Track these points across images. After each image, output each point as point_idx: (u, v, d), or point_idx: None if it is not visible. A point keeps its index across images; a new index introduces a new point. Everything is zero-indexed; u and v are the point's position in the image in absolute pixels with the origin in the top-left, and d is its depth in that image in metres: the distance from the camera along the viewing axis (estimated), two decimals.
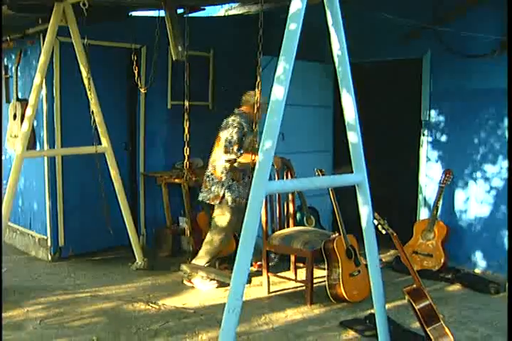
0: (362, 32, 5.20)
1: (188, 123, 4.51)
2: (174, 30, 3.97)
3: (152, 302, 4.25)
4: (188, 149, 4.79)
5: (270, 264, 4.67)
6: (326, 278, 4.22)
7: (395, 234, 3.24)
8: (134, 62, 4.40)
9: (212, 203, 4.54)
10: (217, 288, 4.53)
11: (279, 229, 4.59)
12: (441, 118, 5.28)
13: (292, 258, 4.74)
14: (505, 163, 4.88)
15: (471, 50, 4.93)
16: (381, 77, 6.57)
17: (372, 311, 3.48)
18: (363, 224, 3.07)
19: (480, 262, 5.07)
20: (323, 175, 4.35)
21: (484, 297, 4.47)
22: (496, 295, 4.50)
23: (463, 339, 3.59)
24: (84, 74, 4.60)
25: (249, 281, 4.64)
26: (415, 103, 5.47)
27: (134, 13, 5.32)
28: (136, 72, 4.47)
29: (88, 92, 4.62)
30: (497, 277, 4.83)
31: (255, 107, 4.00)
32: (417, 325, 3.78)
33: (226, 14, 6.97)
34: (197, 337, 3.62)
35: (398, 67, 5.91)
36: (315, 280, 4.38)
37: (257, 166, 2.61)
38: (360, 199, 3.06)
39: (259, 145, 3.81)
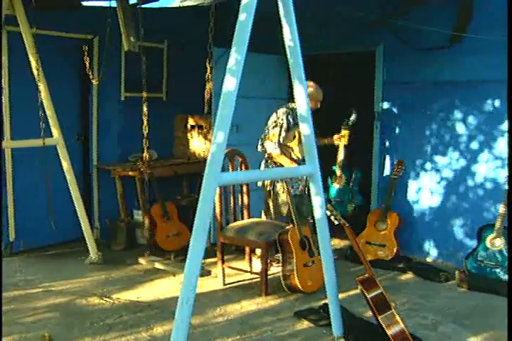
0: (316, 24, 5.22)
1: (146, 115, 4.48)
2: (126, 20, 3.93)
3: (106, 296, 4.20)
4: (147, 141, 4.77)
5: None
6: (280, 269, 4.25)
7: (347, 225, 3.28)
8: (86, 53, 4.32)
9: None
10: None
11: (234, 221, 4.60)
12: (394, 109, 5.36)
13: (247, 249, 4.75)
14: (455, 154, 5.00)
15: (424, 43, 5.02)
16: (336, 69, 6.63)
17: (326, 301, 3.52)
18: (316, 214, 3.10)
19: (431, 251, 5.18)
20: (277, 166, 4.37)
21: (435, 285, 4.58)
22: (446, 283, 4.61)
23: (414, 326, 3.66)
24: (33, 64, 4.48)
25: (209, 273, 4.66)
26: (370, 95, 5.54)
27: (86, 3, 5.22)
28: (87, 63, 4.39)
29: (38, 83, 4.51)
30: (447, 265, 4.95)
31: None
32: (370, 313, 3.83)
33: (181, 5, 6.90)
34: (152, 330, 3.60)
35: (353, 59, 5.98)
36: (270, 272, 4.41)
37: (209, 158, 2.60)
38: (312, 190, 3.09)
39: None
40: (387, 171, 5.40)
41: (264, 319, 3.82)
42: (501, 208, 4.51)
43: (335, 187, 5.48)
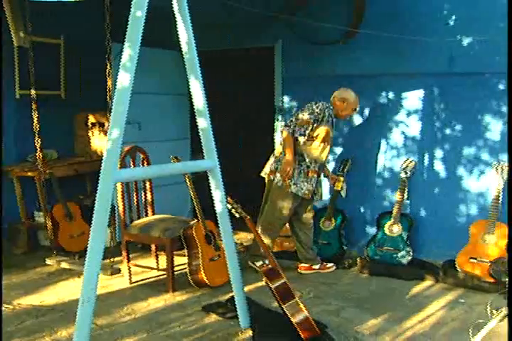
0: (213, 19, 5.25)
1: (36, 113, 4.33)
2: (14, 14, 3.76)
3: (6, 302, 4.04)
4: (39, 140, 4.62)
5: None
6: (186, 265, 4.25)
7: (248, 217, 3.33)
8: None
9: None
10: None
11: (138, 219, 4.55)
12: (294, 103, 5.47)
13: (153, 247, 4.71)
14: (353, 146, 5.18)
15: (321, 38, 5.16)
16: (236, 64, 6.70)
17: (233, 294, 3.56)
18: (217, 208, 3.13)
19: None
20: (178, 161, 4.35)
21: (338, 272, 4.75)
22: (349, 270, 4.79)
23: (319, 313, 3.77)
24: None
25: (119, 271, 4.58)
26: (270, 90, 5.63)
27: None
28: None
29: None
30: (350, 253, 5.12)
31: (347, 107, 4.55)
32: (276, 304, 3.95)
33: None
34: (56, 334, 3.50)
35: (252, 54, 6.05)
36: (177, 268, 4.40)
37: (104, 154, 2.57)
38: (212, 184, 3.12)
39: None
40: None
41: (171, 315, 3.82)
42: (397, 196, 4.74)
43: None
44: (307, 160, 4.53)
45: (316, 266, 4.73)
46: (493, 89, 4.59)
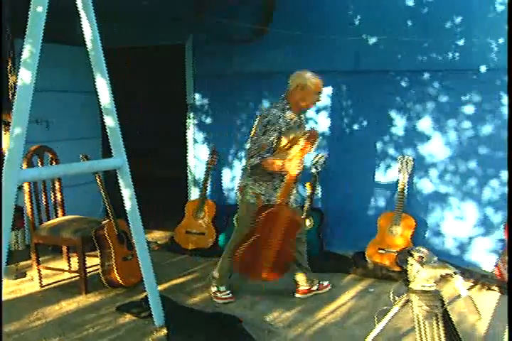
0: (121, 16, 5.17)
1: None
2: None
3: None
4: None
5: None
6: (99, 266, 4.18)
7: None
8: None
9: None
10: None
11: (48, 220, 4.42)
12: (206, 101, 5.49)
13: (64, 248, 4.60)
14: None
15: (232, 36, 5.18)
16: (147, 62, 6.64)
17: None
18: (127, 207, 3.10)
19: None
20: (88, 160, 4.26)
21: None
22: None
23: (234, 307, 3.85)
24: None
25: (24, 274, 4.44)
26: (182, 87, 5.62)
27: None
28: None
29: None
30: None
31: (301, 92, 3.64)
32: (192, 300, 3.97)
33: None
34: None
35: (163, 52, 6.01)
36: (89, 269, 4.31)
37: (6, 154, 2.49)
38: (121, 182, 3.08)
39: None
40: (202, 161, 5.51)
41: (85, 317, 3.74)
42: (308, 190, 4.85)
43: None
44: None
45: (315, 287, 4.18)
46: (396, 86, 4.78)
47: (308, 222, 4.86)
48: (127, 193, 3.07)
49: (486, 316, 3.71)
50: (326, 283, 4.22)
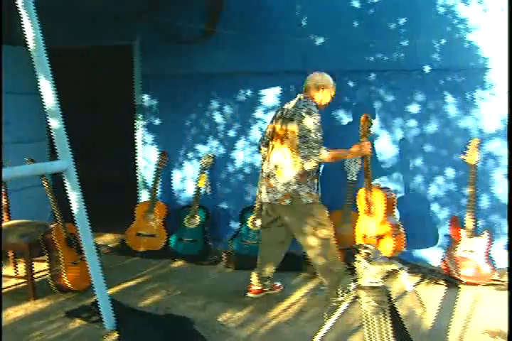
0: (65, 16, 5.09)
1: None
2: None
3: None
4: None
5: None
6: (47, 270, 4.09)
7: None
8: None
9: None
10: None
11: None
12: (155, 102, 5.44)
13: (10, 253, 4.49)
14: (215, 143, 5.25)
15: (180, 37, 5.16)
16: (95, 62, 6.54)
17: None
18: (74, 210, 3.05)
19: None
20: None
21: (205, 268, 4.80)
22: (215, 266, 4.85)
23: (186, 309, 3.83)
24: None
25: None
26: (130, 88, 5.56)
27: None
28: None
29: None
30: (216, 249, 5.14)
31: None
32: (143, 303, 3.94)
33: None
34: None
35: (111, 52, 5.93)
36: (38, 275, 4.23)
37: None
38: (68, 185, 3.03)
39: None
40: (152, 162, 5.46)
41: (33, 324, 3.66)
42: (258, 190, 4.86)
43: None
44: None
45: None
46: (343, 86, 4.84)
47: (258, 222, 4.84)
48: (74, 196, 3.01)
49: (433, 309, 3.82)
50: (278, 284, 4.27)
